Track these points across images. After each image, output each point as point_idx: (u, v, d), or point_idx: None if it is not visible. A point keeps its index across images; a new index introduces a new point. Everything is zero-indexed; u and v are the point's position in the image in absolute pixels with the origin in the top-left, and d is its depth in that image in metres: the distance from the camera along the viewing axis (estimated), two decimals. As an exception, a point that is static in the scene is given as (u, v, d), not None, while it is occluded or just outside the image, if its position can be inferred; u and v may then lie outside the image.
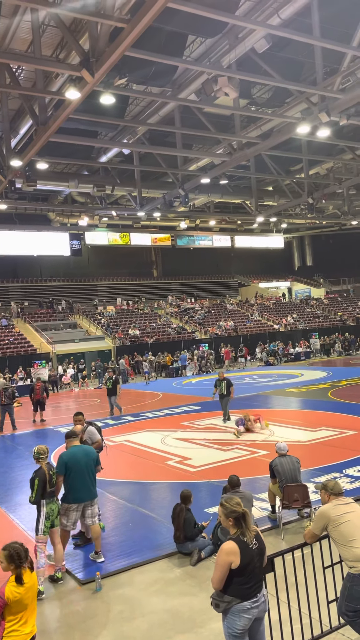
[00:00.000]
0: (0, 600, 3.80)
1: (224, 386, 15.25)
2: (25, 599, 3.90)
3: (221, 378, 15.42)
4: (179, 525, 6.88)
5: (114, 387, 18.38)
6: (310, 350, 38.59)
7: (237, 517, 3.96)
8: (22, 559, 3.97)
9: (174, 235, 44.59)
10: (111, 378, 18.61)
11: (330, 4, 15.26)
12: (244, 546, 3.88)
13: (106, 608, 5.75)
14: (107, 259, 48.16)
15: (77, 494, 6.66)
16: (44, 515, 6.36)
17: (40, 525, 6.34)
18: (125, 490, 9.85)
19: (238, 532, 3.95)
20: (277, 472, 7.52)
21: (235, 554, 3.83)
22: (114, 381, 18.47)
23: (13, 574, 3.94)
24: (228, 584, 3.87)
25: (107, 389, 18.85)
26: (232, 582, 3.86)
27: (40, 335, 35.54)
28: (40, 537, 6.32)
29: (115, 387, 18.37)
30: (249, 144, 22.22)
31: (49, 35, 15.93)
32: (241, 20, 13.95)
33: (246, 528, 3.95)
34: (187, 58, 17.54)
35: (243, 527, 3.95)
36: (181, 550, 6.86)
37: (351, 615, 4.30)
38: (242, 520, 3.96)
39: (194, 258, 51.24)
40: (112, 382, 18.43)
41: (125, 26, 11.66)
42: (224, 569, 3.84)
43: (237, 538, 3.92)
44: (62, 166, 29.46)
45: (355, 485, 8.72)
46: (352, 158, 27.51)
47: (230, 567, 3.83)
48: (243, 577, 3.85)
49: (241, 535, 3.93)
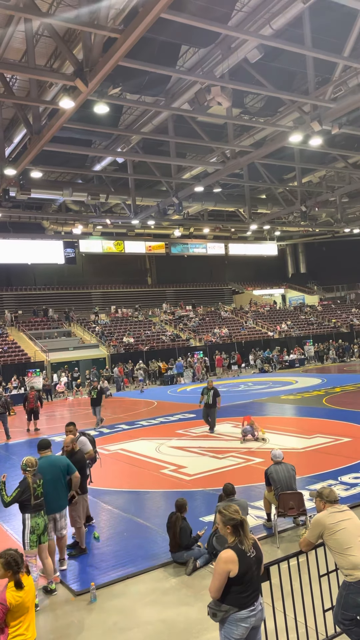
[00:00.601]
0: (2, 606, 3.82)
1: (211, 395, 14.95)
2: (26, 601, 3.99)
3: (209, 387, 15.18)
4: (175, 534, 6.85)
5: (98, 397, 18.13)
6: (304, 357, 38.65)
7: (235, 525, 3.95)
8: (20, 565, 4.00)
9: (168, 243, 44.68)
10: (95, 388, 18.37)
11: (322, 15, 15.45)
12: (242, 554, 3.86)
13: (101, 619, 5.70)
14: (102, 267, 48.18)
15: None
16: (28, 529, 6.18)
17: (26, 539, 6.17)
18: (119, 499, 9.79)
19: (236, 540, 3.93)
20: (272, 480, 7.50)
21: (234, 562, 3.82)
22: (99, 391, 18.26)
23: (11, 580, 3.97)
24: (226, 592, 3.85)
25: (91, 399, 18.57)
26: (230, 591, 3.84)
27: (34, 343, 35.42)
28: (28, 551, 6.15)
29: (100, 397, 18.13)
30: (242, 152, 22.38)
31: (42, 45, 16.02)
32: (234, 30, 14.10)
33: (244, 536, 3.94)
34: (180, 68, 17.67)
35: (241, 535, 3.94)
36: (176, 560, 6.82)
37: (347, 623, 4.29)
38: (240, 528, 3.95)
39: (188, 266, 51.34)
40: (97, 392, 18.20)
41: (119, 36, 11.74)
42: (222, 577, 3.82)
43: (235, 546, 3.90)
44: (56, 175, 29.51)
45: (350, 493, 8.71)
46: (345, 166, 27.74)
47: (228, 576, 3.81)
48: (241, 585, 3.83)
49: (239, 544, 3.91)
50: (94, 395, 18.29)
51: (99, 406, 18.20)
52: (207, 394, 15.07)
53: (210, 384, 15.39)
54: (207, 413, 15.27)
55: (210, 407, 15.12)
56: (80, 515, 7.39)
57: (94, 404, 18.31)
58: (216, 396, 15.02)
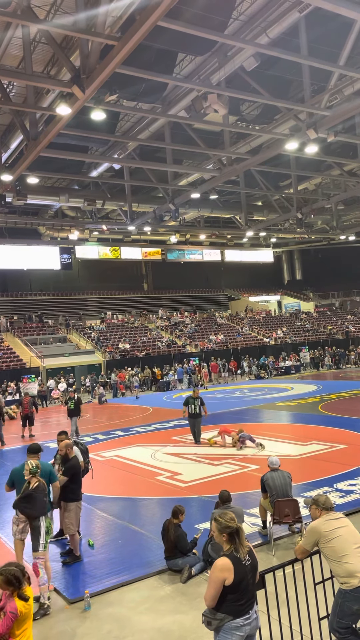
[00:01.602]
0: (14, 615, 3.80)
1: (197, 404, 14.49)
2: (30, 610, 3.98)
3: (195, 396, 14.71)
4: (169, 540, 6.81)
5: (76, 407, 17.41)
6: (300, 363, 38.68)
7: (231, 533, 3.93)
8: (21, 580, 3.93)
9: (165, 249, 44.77)
10: (72, 399, 17.62)
11: (318, 24, 15.60)
12: (238, 562, 3.84)
13: (95, 627, 5.65)
14: (98, 273, 48.18)
15: None
16: (44, 530, 6.24)
17: (41, 540, 6.20)
18: (114, 506, 9.74)
19: (231, 548, 3.91)
20: (268, 487, 7.48)
21: (229, 570, 3.79)
22: (76, 402, 17.56)
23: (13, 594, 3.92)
24: (221, 601, 3.82)
25: (68, 409, 17.73)
26: (226, 599, 3.81)
27: (30, 349, 35.33)
28: (42, 552, 6.18)
29: (77, 407, 17.46)
30: (239, 159, 22.48)
31: (40, 51, 16.09)
32: (230, 39, 14.21)
33: (239, 544, 3.92)
34: (177, 75, 17.77)
35: (237, 543, 3.91)
36: (171, 567, 6.78)
37: (343, 632, 4.27)
38: (235, 535, 3.93)
39: (184, 272, 51.40)
40: (75, 402, 17.47)
41: (116, 44, 11.81)
42: (217, 585, 3.79)
43: (230, 554, 3.88)
44: (53, 180, 29.56)
45: (345, 500, 8.70)
46: (340, 174, 27.90)
47: (223, 584, 3.79)
48: (236, 593, 3.80)
49: (234, 551, 3.89)
50: (71, 405, 17.52)
51: (76, 417, 17.50)
52: (194, 404, 14.53)
53: (196, 393, 14.94)
54: (194, 423, 14.71)
55: (197, 417, 14.61)
56: (74, 522, 7.34)
57: (72, 415, 17.52)
58: (202, 404, 14.62)
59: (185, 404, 14.71)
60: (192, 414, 14.62)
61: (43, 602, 6.00)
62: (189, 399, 14.73)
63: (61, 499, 7.55)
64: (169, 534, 6.84)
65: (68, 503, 7.36)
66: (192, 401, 14.59)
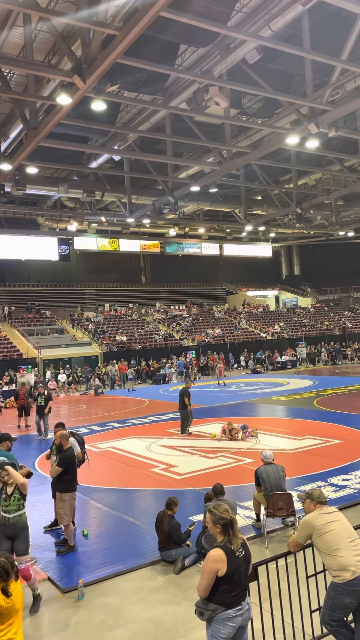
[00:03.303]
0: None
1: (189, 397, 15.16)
2: (16, 602, 3.87)
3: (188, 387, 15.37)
4: (162, 531, 6.85)
5: (46, 404, 16.31)
6: (296, 359, 38.77)
7: (225, 524, 3.96)
8: (9, 573, 3.86)
9: (163, 242, 44.64)
10: (42, 394, 16.49)
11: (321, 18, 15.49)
12: (231, 554, 3.87)
13: (88, 617, 5.69)
14: (96, 265, 48.07)
15: None
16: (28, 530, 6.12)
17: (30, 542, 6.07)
18: (109, 497, 9.78)
19: (225, 540, 3.94)
20: (262, 480, 7.52)
21: (222, 561, 3.83)
22: (47, 397, 16.45)
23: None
24: (213, 591, 3.87)
25: (37, 406, 16.52)
26: (218, 590, 3.85)
27: (27, 340, 35.30)
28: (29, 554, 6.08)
29: (47, 404, 16.34)
30: (239, 153, 22.39)
31: (41, 40, 15.95)
32: (233, 31, 14.09)
33: (233, 535, 3.95)
34: (178, 67, 17.65)
35: (230, 535, 3.95)
36: (165, 558, 6.82)
37: (334, 624, 4.31)
38: (229, 527, 3.96)
39: (183, 265, 51.33)
40: (45, 398, 16.39)
41: (118, 34, 11.72)
42: (210, 576, 3.83)
43: (224, 545, 3.91)
44: (52, 171, 29.40)
45: (339, 495, 8.75)
46: (340, 170, 27.82)
47: (216, 575, 3.82)
48: (229, 585, 3.84)
49: (228, 543, 3.92)
50: (41, 402, 16.33)
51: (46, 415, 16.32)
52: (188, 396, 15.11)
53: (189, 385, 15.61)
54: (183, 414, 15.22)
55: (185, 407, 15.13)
56: (68, 512, 7.37)
57: (41, 413, 16.29)
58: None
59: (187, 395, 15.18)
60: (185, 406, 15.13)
61: (36, 594, 5.95)
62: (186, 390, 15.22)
63: (56, 490, 7.59)
64: (163, 525, 6.87)
65: (63, 493, 7.39)
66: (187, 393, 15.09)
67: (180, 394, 15.21)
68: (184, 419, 15.30)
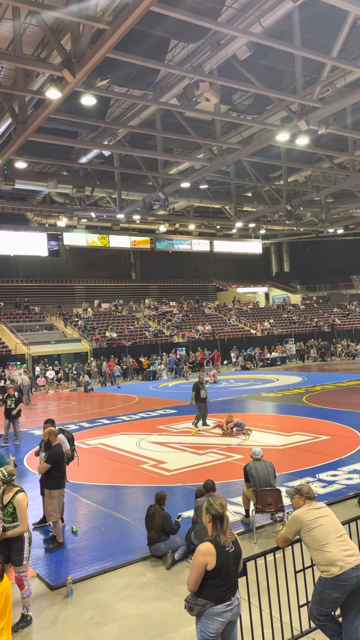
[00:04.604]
0: None
1: (206, 389, 15.34)
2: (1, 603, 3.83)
3: (201, 381, 15.44)
4: (152, 525, 6.85)
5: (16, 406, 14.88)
6: (286, 355, 38.93)
7: (215, 517, 3.98)
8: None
9: (153, 238, 44.57)
10: (12, 396, 14.94)
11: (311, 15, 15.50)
12: (221, 548, 3.90)
13: (77, 613, 5.68)
14: (86, 261, 47.85)
15: None
16: (27, 541, 5.77)
17: (25, 554, 5.71)
18: (98, 493, 9.77)
19: (215, 534, 3.97)
20: (251, 476, 7.55)
21: (212, 555, 3.85)
22: (17, 399, 15.05)
23: None
24: (202, 586, 3.89)
25: (6, 409, 14.97)
26: (207, 585, 3.87)
27: (16, 336, 35.09)
28: (26, 565, 5.72)
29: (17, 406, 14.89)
30: (229, 149, 22.39)
31: (30, 33, 15.81)
32: (223, 26, 14.06)
33: (222, 531, 3.97)
34: (169, 62, 17.58)
35: (218, 530, 3.97)
36: (154, 552, 6.82)
37: (322, 619, 4.34)
38: (219, 521, 3.98)
39: (173, 261, 51.27)
40: (15, 400, 14.94)
41: (108, 28, 11.65)
42: (199, 569, 3.86)
43: (214, 540, 3.94)
44: (42, 166, 29.20)
45: (327, 490, 8.81)
46: (330, 167, 27.93)
47: (205, 569, 3.85)
48: (217, 579, 3.87)
49: (218, 538, 3.95)
50: (11, 404, 14.84)
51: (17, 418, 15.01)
52: (203, 389, 15.30)
53: (202, 378, 15.68)
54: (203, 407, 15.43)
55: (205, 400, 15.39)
56: (57, 509, 7.35)
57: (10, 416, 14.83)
58: None
59: (196, 390, 15.31)
60: (203, 398, 15.30)
61: (26, 614, 5.62)
62: (198, 384, 15.36)
63: (45, 486, 7.56)
64: (155, 520, 6.87)
65: (51, 490, 7.37)
66: (202, 386, 15.29)
67: None
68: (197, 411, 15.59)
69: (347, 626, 4.30)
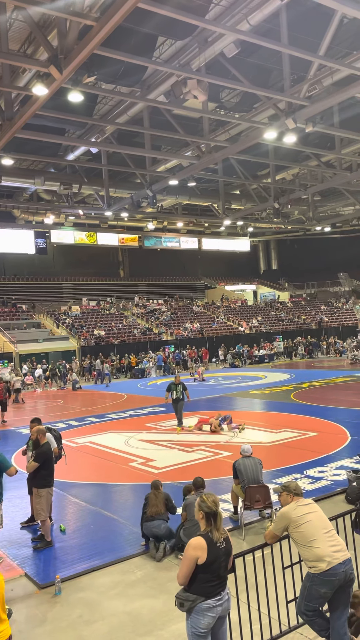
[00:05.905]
0: None
1: (180, 390, 15.11)
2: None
3: (177, 382, 15.29)
4: (156, 502, 6.98)
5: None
6: (274, 352, 39.11)
7: (208, 513, 4.00)
8: None
9: (142, 236, 44.47)
10: None
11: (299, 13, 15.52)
12: (212, 543, 3.93)
13: (66, 612, 5.66)
14: (73, 259, 47.64)
15: None
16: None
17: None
18: (87, 492, 9.74)
19: (207, 530, 3.99)
20: (239, 473, 7.58)
21: (203, 549, 3.88)
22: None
23: None
24: (192, 580, 3.92)
25: None
26: (197, 579, 3.90)
27: (3, 334, 34.83)
28: None
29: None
30: (217, 147, 22.38)
31: (16, 29, 15.65)
32: (211, 24, 14.04)
33: (214, 527, 3.99)
34: (156, 59, 17.51)
35: (212, 525, 4.00)
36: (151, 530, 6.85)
37: (310, 614, 4.37)
38: (212, 518, 4.01)
39: (161, 259, 51.22)
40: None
41: (95, 24, 11.57)
42: (190, 563, 3.88)
43: (205, 535, 3.97)
44: (28, 163, 28.98)
45: (315, 486, 8.87)
46: (317, 165, 28.04)
47: (196, 563, 3.87)
48: (207, 574, 3.89)
49: (209, 533, 3.97)
50: None
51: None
52: (175, 389, 15.10)
53: (178, 379, 15.48)
54: (176, 407, 15.29)
55: (179, 401, 15.19)
56: (45, 508, 7.32)
57: None
58: (184, 389, 15.22)
59: (168, 390, 15.20)
60: (175, 399, 15.14)
61: None
62: (171, 385, 15.22)
63: (32, 485, 7.52)
64: (156, 499, 7.01)
65: (39, 489, 7.33)
66: (174, 387, 15.12)
67: None
68: None
69: (334, 621, 4.34)
